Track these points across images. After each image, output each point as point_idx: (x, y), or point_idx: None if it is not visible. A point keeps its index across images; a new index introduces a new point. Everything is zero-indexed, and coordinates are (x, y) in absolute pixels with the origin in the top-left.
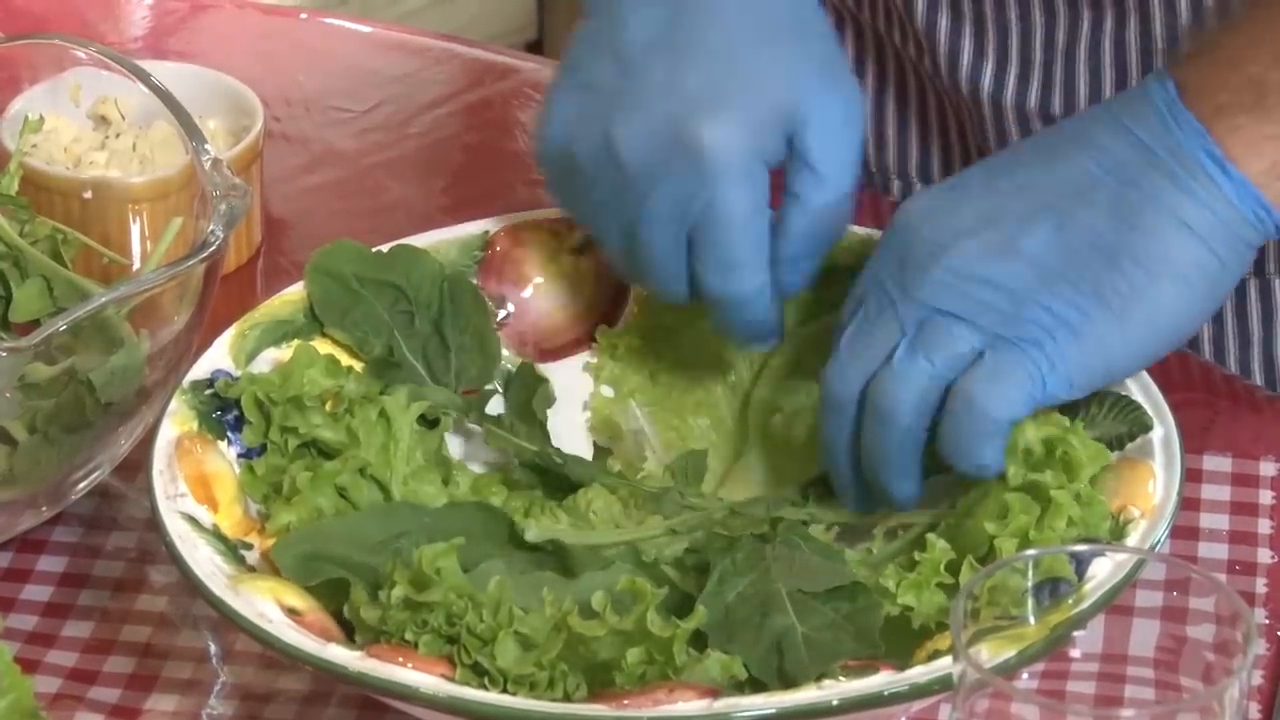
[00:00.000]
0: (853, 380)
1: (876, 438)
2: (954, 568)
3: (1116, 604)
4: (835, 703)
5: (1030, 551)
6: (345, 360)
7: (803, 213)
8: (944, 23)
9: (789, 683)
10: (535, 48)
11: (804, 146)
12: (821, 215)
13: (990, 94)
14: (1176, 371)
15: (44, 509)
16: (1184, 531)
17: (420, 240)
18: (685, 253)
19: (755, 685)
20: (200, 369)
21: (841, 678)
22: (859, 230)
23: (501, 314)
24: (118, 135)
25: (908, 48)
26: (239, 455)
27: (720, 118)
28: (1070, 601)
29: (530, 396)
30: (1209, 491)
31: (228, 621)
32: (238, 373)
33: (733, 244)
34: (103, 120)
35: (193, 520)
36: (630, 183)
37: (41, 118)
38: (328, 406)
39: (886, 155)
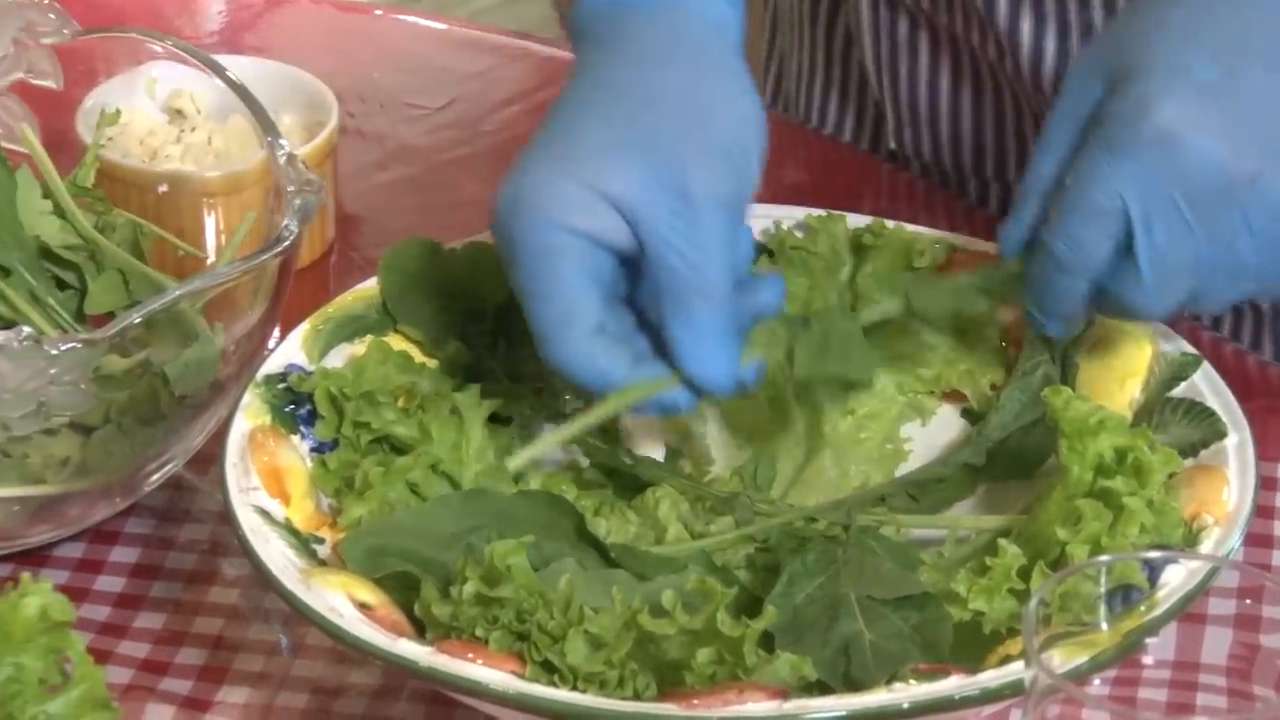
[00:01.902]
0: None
1: None
2: (1025, 573)
3: (1189, 611)
4: (906, 706)
5: (1103, 558)
6: (418, 357)
7: None
8: (1027, 25)
9: (854, 688)
10: None
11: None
12: None
13: (1052, 79)
14: (1237, 376)
15: (117, 500)
16: (1258, 539)
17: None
18: None
19: (823, 687)
20: (274, 363)
21: (912, 681)
22: (927, 232)
23: None
24: (193, 129)
25: (987, 49)
26: (311, 449)
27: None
28: (1143, 608)
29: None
30: None
31: (299, 615)
32: (311, 367)
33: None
34: (178, 114)
35: (265, 514)
36: None
37: (118, 111)
38: (400, 402)
39: (962, 156)
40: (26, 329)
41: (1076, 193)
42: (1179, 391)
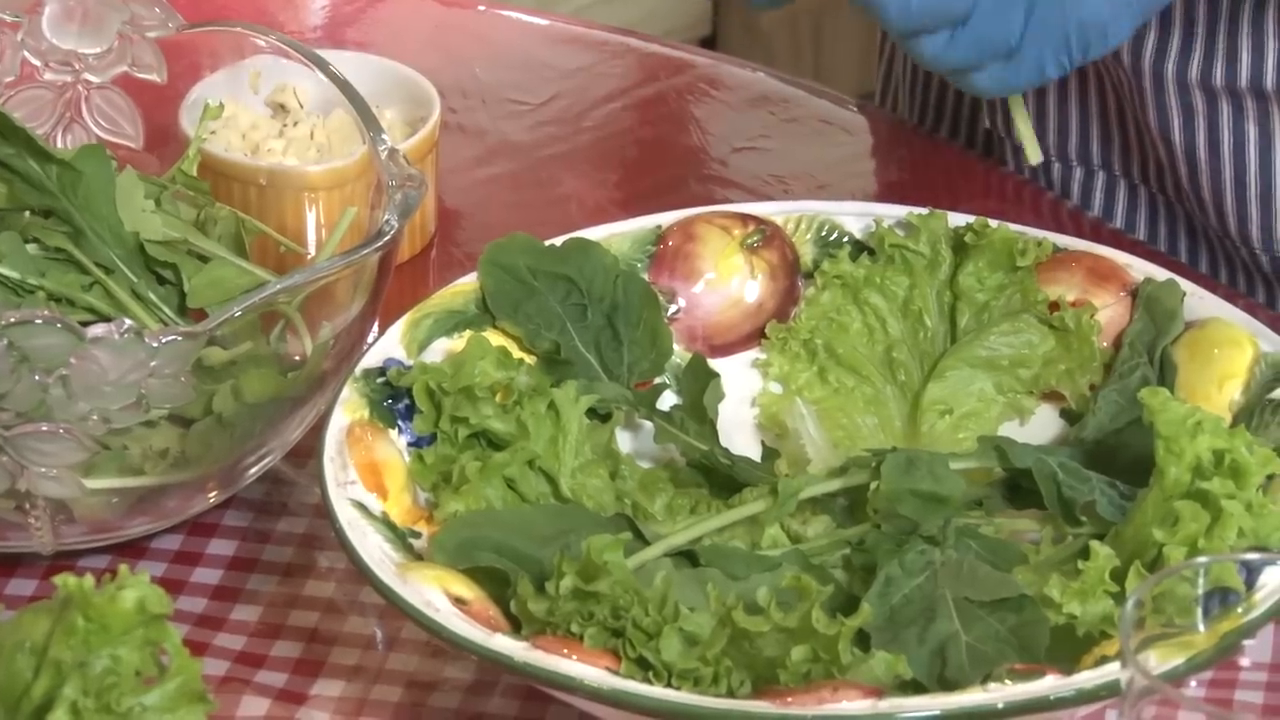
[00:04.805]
0: None
1: None
2: (1118, 575)
3: None
4: (1000, 706)
5: (1200, 559)
6: (516, 352)
7: None
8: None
9: (949, 688)
10: (709, 43)
11: None
12: None
13: (1152, 65)
14: None
15: (215, 493)
16: None
17: (593, 233)
18: None
19: (918, 687)
20: (373, 357)
21: (1007, 681)
22: (1030, 231)
23: (672, 309)
24: (295, 123)
25: None
26: (409, 444)
27: None
28: (1240, 610)
29: (702, 390)
30: None
31: (395, 609)
32: (410, 362)
33: None
34: (281, 108)
35: (362, 507)
36: None
37: (221, 104)
38: (498, 398)
39: (1046, 138)
40: (127, 321)
41: None
42: None
